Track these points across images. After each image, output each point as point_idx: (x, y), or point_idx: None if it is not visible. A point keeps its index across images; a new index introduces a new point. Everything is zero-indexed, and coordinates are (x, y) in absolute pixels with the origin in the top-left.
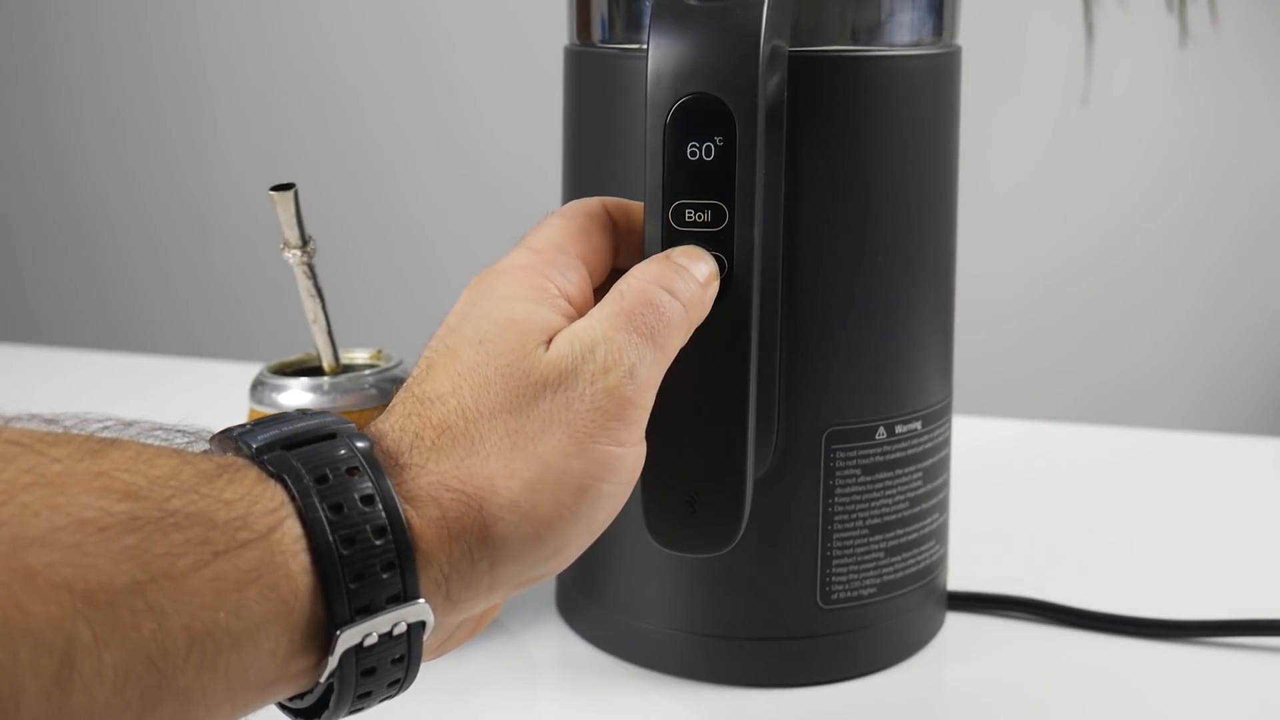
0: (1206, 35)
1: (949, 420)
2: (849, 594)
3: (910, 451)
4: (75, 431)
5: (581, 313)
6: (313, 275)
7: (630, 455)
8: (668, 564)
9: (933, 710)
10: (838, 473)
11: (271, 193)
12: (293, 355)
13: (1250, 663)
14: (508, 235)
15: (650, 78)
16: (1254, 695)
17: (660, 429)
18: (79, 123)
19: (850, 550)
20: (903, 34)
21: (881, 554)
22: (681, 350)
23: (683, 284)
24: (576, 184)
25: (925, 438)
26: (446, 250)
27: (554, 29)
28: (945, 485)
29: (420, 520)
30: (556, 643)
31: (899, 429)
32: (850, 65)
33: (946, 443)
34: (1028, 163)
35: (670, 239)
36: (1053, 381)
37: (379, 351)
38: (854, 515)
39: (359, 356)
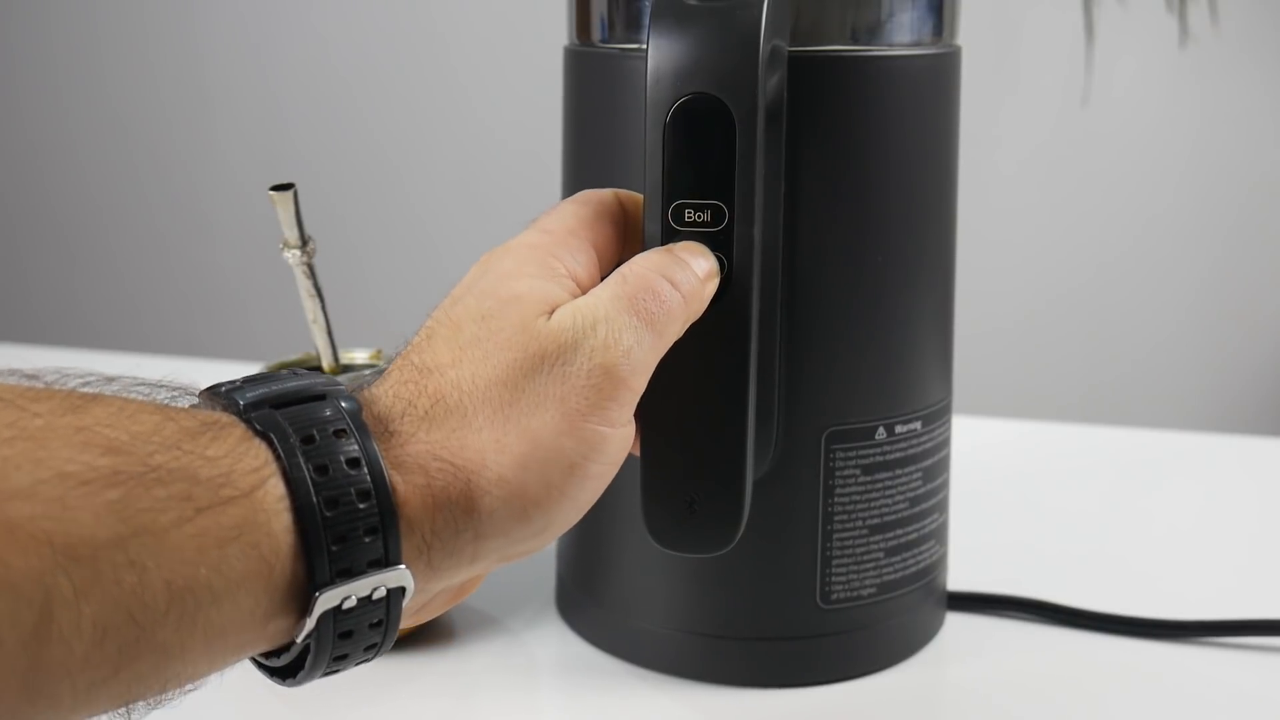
0: (1206, 35)
1: (949, 420)
2: (849, 594)
3: (910, 451)
4: (57, 386)
5: (585, 280)
6: (313, 275)
7: (618, 436)
8: (667, 564)
9: (933, 710)
10: (838, 473)
11: (271, 193)
12: (293, 355)
13: (1250, 663)
14: (508, 235)
15: (650, 78)
16: (1254, 695)
17: (660, 429)
18: (79, 123)
19: (850, 550)
20: (903, 34)
21: (881, 554)
22: (682, 349)
23: (683, 275)
24: (577, 184)
25: (925, 438)
26: (447, 250)
27: (554, 29)
28: (945, 485)
29: (406, 486)
30: (556, 643)
31: (899, 429)
32: (850, 65)
33: (946, 443)
34: (1028, 163)
35: (670, 239)
36: (1053, 381)
37: (379, 351)
38: (854, 515)
39: (359, 356)
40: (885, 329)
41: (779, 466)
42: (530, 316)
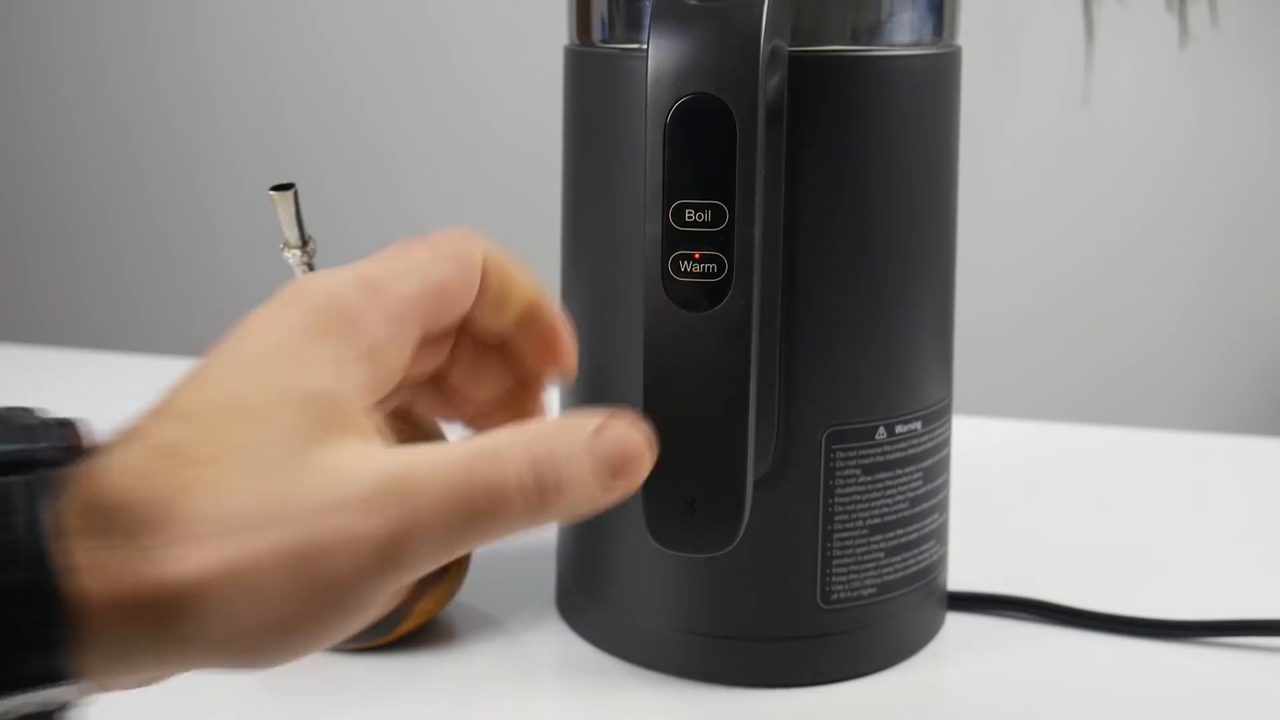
0: (1206, 35)
1: (949, 420)
2: (849, 594)
3: (910, 451)
4: None
5: (388, 378)
6: None
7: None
8: (668, 564)
9: (933, 710)
10: (838, 473)
11: (271, 193)
12: None
13: (1250, 663)
14: (508, 235)
15: (650, 78)
16: (1254, 695)
17: (660, 429)
18: (80, 123)
19: (850, 550)
20: (903, 34)
21: (881, 554)
22: (681, 350)
23: (568, 478)
24: (576, 184)
25: (925, 438)
26: None
27: (554, 29)
28: (945, 485)
29: (92, 596)
30: (556, 643)
31: (899, 429)
32: (850, 65)
33: (946, 443)
34: (1028, 162)
35: (670, 239)
36: (1053, 381)
37: None
38: (854, 515)
39: None
40: (885, 329)
41: (779, 466)
42: (306, 439)
